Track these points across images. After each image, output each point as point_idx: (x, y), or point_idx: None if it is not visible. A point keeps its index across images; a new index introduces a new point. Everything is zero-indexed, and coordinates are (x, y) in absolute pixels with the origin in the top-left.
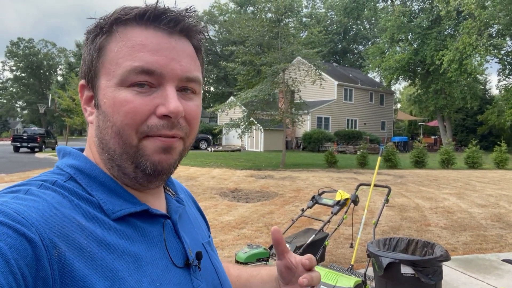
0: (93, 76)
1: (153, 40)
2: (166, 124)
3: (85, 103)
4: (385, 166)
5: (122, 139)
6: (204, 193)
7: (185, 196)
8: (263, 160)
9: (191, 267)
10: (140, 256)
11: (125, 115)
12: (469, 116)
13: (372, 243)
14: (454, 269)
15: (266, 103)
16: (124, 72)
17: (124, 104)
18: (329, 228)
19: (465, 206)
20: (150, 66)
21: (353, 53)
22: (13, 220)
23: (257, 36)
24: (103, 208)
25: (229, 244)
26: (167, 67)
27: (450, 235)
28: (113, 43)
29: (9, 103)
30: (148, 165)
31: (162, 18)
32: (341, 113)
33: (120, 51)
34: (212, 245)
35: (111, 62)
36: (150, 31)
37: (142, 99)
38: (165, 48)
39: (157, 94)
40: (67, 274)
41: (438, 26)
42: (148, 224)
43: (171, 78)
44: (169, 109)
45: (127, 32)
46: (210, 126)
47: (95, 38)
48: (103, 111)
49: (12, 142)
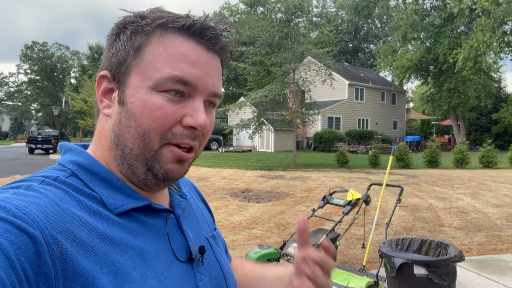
0: (122, 72)
1: (194, 53)
2: (190, 134)
3: (102, 94)
4: (398, 166)
5: (144, 142)
6: (215, 194)
7: (189, 189)
8: (274, 160)
9: (194, 262)
10: (144, 250)
11: (155, 120)
12: (484, 115)
13: (384, 243)
14: (469, 270)
15: (276, 103)
16: (161, 78)
17: (155, 109)
18: (341, 228)
19: (479, 206)
20: (188, 78)
21: (364, 52)
22: (14, 216)
23: (267, 36)
24: (105, 203)
25: (240, 244)
26: (201, 81)
27: (464, 235)
28: (153, 46)
29: (24, 106)
30: (161, 171)
31: (206, 34)
32: (352, 112)
33: (160, 56)
34: (217, 239)
35: (149, 64)
36: (191, 43)
37: (172, 107)
38: (203, 63)
39: (186, 104)
40: (69, 269)
41: (451, 24)
42: (151, 219)
43: (202, 92)
44: (198, 122)
45: (169, 39)
46: (220, 126)
47: (134, 36)
48: (129, 109)
49: (27, 144)
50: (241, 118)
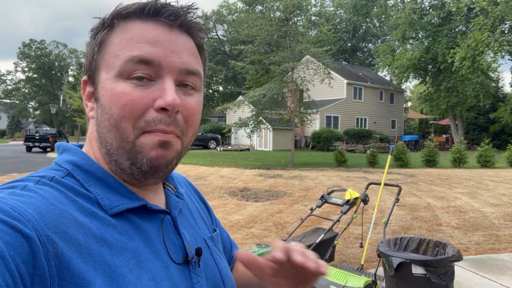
0: (93, 71)
1: (152, 32)
2: (164, 118)
3: (86, 99)
4: (396, 165)
5: (118, 132)
6: (213, 192)
7: (186, 189)
8: (272, 159)
9: (191, 264)
10: (139, 252)
11: (123, 107)
12: (481, 114)
13: (383, 242)
14: (467, 270)
15: (274, 102)
16: (122, 63)
17: (121, 96)
18: (339, 227)
19: (477, 206)
20: (148, 56)
21: (362, 51)
22: (10, 216)
23: (266, 35)
24: (100, 204)
25: (238, 243)
26: (165, 59)
27: (462, 234)
28: (114, 36)
29: (22, 104)
30: (144, 161)
31: (162, 12)
32: (351, 112)
33: (119, 44)
34: (215, 240)
35: (111, 54)
36: (150, 24)
37: (140, 92)
38: (165, 40)
39: (155, 87)
40: (64, 270)
41: (449, 23)
42: (147, 220)
43: (169, 70)
44: (166, 101)
45: (128, 26)
46: (219, 125)
47: (97, 34)
48: (102, 103)
49: (25, 142)
50: (239, 117)
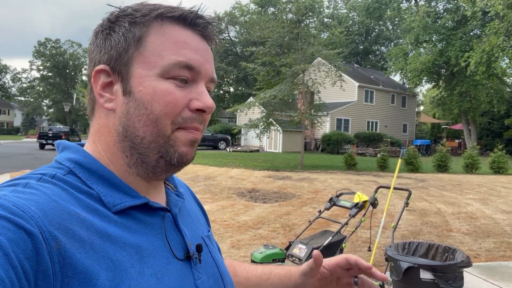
0: (124, 64)
1: (193, 40)
2: (197, 117)
3: (101, 88)
4: (406, 169)
5: (157, 128)
6: (221, 193)
7: (184, 191)
8: (281, 161)
9: (192, 260)
10: (141, 247)
11: (166, 105)
12: (495, 120)
13: (391, 246)
14: (476, 276)
15: (285, 104)
16: (168, 64)
17: (166, 94)
18: (347, 230)
19: (489, 212)
20: (192, 63)
21: (375, 54)
22: (12, 213)
23: (277, 37)
24: (103, 201)
25: (246, 244)
26: (203, 66)
27: (472, 241)
28: (154, 36)
29: (36, 102)
30: (176, 156)
31: (199, 23)
32: (362, 115)
33: (163, 45)
34: (212, 239)
35: (153, 53)
36: (188, 31)
37: (180, 92)
38: (202, 50)
39: (191, 90)
40: (67, 266)
41: (463, 26)
42: (148, 217)
43: (204, 76)
44: (207, 104)
45: (168, 28)
46: (229, 126)
47: (132, 27)
48: (138, 98)
49: (38, 139)
50: (249, 118)
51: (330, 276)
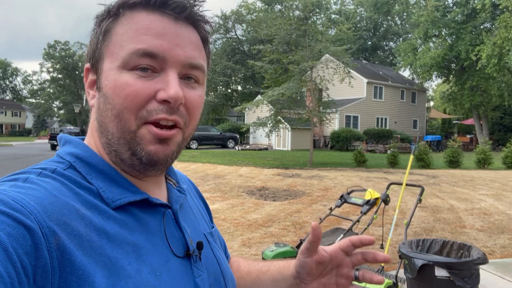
0: (97, 59)
1: (158, 24)
2: (165, 108)
3: (88, 86)
4: (417, 165)
5: (120, 123)
6: (231, 191)
7: (187, 186)
8: (290, 158)
9: (192, 257)
10: (139, 245)
11: (125, 98)
12: (508, 114)
13: (404, 244)
14: (491, 273)
15: (293, 102)
16: (127, 55)
17: (124, 87)
18: (358, 228)
19: (503, 208)
20: (153, 49)
21: (383, 50)
22: (12, 208)
23: (285, 34)
24: (102, 197)
25: (256, 242)
26: (170, 52)
27: (487, 237)
28: (119, 26)
29: (47, 103)
30: (143, 154)
31: (169, 4)
32: (371, 111)
33: (125, 34)
34: (215, 236)
35: (116, 44)
36: (156, 15)
37: (143, 83)
38: (170, 33)
39: (158, 79)
40: (66, 262)
41: (473, 20)
42: (148, 214)
43: (173, 63)
44: (169, 94)
45: (133, 16)
46: (237, 124)
47: (102, 22)
48: (104, 93)
49: (49, 140)
50: (258, 117)
51: (330, 261)
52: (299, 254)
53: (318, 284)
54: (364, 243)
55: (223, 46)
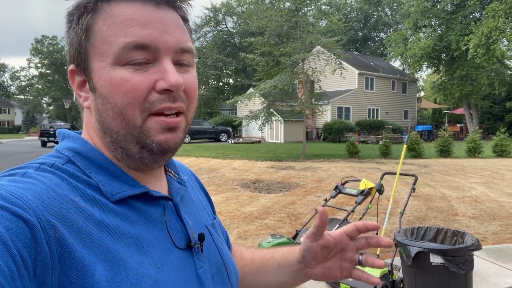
0: (83, 59)
1: (141, 13)
2: (167, 97)
3: (78, 88)
4: (409, 155)
5: (125, 120)
6: (225, 185)
7: (188, 177)
8: (283, 151)
9: (194, 249)
10: (141, 237)
11: (125, 95)
12: (497, 103)
13: (400, 232)
14: (484, 259)
15: (285, 94)
16: (117, 50)
17: (122, 83)
18: (353, 218)
19: (493, 195)
20: (143, 41)
21: (374, 41)
22: (10, 202)
23: (276, 26)
24: (102, 191)
25: (252, 234)
26: (160, 40)
27: (478, 224)
28: (101, 21)
29: (36, 100)
30: (154, 145)
31: None
32: (362, 102)
33: (109, 29)
34: (217, 227)
35: (102, 41)
36: (136, 4)
37: (140, 76)
38: (155, 20)
39: (154, 69)
40: (65, 255)
41: (463, 10)
42: (149, 206)
43: (166, 51)
44: (170, 83)
45: (113, 8)
46: (229, 118)
47: (80, 19)
48: (101, 93)
49: (40, 137)
50: (250, 109)
51: (334, 245)
52: (305, 238)
53: (323, 268)
54: (369, 228)
55: (213, 39)
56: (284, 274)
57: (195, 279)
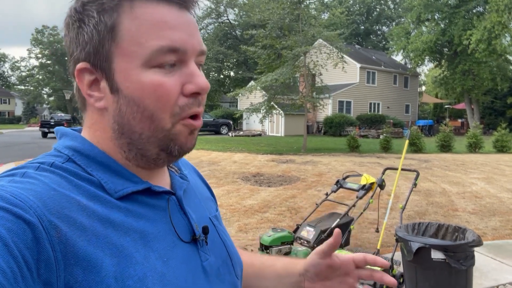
0: (103, 59)
1: (171, 16)
2: (195, 101)
3: (89, 88)
4: (410, 150)
5: (154, 124)
6: (226, 178)
7: (189, 171)
8: (284, 144)
9: (198, 242)
10: (146, 232)
11: (158, 100)
12: (498, 98)
13: (401, 227)
14: (484, 255)
15: (287, 87)
16: (150, 53)
17: (155, 88)
18: (354, 212)
19: (494, 191)
20: (177, 44)
21: (376, 35)
22: (10, 203)
23: (278, 19)
24: (104, 188)
25: (253, 227)
26: (189, 43)
27: (478, 220)
28: (127, 21)
29: (36, 90)
30: (176, 148)
31: None
32: (364, 96)
33: (139, 30)
34: (220, 219)
35: (130, 42)
36: (162, 6)
37: (170, 80)
38: (182, 24)
39: (180, 72)
40: (70, 254)
41: (466, 4)
42: (152, 201)
43: (192, 54)
44: (200, 86)
45: (140, 8)
46: (230, 111)
47: (102, 16)
48: (126, 95)
49: (40, 128)
50: (251, 102)
51: (339, 268)
52: (314, 254)
53: (322, 285)
54: (378, 264)
55: (215, 31)
56: (282, 284)
57: (201, 271)
